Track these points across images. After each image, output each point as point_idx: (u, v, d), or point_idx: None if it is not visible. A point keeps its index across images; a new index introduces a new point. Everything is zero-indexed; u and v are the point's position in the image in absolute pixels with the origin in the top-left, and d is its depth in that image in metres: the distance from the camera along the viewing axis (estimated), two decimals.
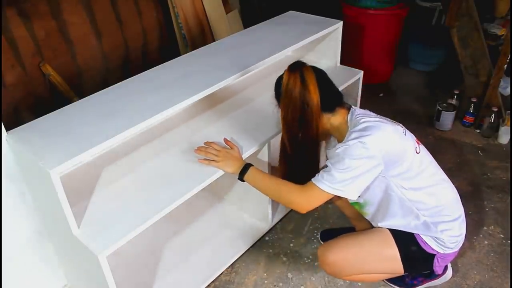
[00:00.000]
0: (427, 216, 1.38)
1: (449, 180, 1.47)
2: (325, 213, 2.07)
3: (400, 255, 1.43)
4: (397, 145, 1.31)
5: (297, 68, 1.32)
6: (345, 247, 1.49)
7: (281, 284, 1.75)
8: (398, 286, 1.68)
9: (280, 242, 1.94)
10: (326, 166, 1.33)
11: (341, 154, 1.27)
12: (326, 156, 1.56)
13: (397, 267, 1.46)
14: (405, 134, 1.36)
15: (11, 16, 2.19)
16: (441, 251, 1.42)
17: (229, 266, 1.81)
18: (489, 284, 1.73)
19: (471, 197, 2.17)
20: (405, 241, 1.43)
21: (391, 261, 1.45)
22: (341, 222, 2.01)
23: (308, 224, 2.03)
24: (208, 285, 1.73)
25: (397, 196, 1.36)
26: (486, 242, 1.92)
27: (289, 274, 1.78)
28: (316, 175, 1.32)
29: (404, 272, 1.48)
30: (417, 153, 1.36)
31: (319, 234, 1.94)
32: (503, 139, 2.58)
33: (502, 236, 1.95)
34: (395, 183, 1.34)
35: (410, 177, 1.34)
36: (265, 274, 1.79)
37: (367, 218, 1.53)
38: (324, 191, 1.29)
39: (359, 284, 1.73)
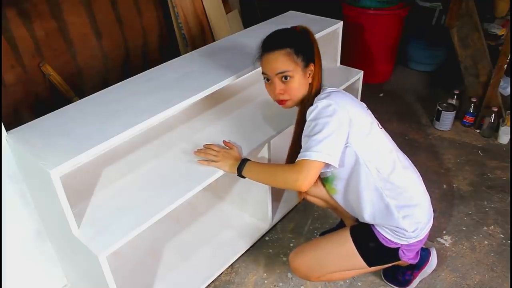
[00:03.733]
0: (389, 197, 1.36)
1: (414, 167, 1.50)
2: (325, 213, 2.07)
3: (359, 252, 1.44)
4: (360, 110, 1.38)
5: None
6: (307, 251, 1.53)
7: (281, 284, 1.75)
8: (395, 285, 1.70)
9: (280, 242, 1.94)
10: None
11: (314, 119, 1.30)
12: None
13: (358, 263, 1.47)
14: (367, 110, 1.46)
15: (11, 16, 2.19)
16: (404, 242, 1.41)
17: (229, 266, 1.81)
18: (489, 284, 1.73)
19: (471, 197, 2.17)
20: (363, 238, 1.45)
21: (350, 258, 1.46)
22: None
23: (308, 224, 2.03)
24: (208, 285, 1.73)
25: (364, 172, 1.35)
26: (486, 242, 1.92)
27: (289, 274, 1.78)
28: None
29: (369, 266, 1.48)
30: (380, 128, 1.43)
31: (319, 234, 1.94)
32: (503, 139, 2.58)
33: (502, 236, 1.95)
34: (363, 158, 1.34)
35: (375, 151, 1.36)
36: (265, 274, 1.79)
37: (336, 199, 1.52)
38: (309, 159, 1.27)
39: (359, 284, 1.73)
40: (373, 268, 1.52)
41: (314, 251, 1.52)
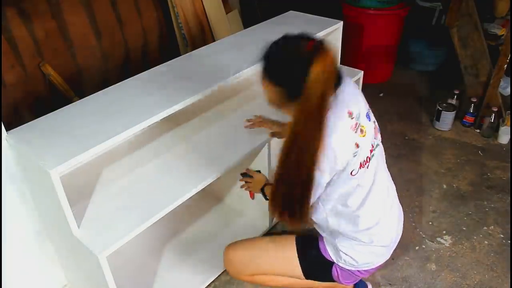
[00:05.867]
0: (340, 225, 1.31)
1: (396, 212, 1.41)
2: None
3: (299, 258, 1.41)
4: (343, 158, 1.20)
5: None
6: (246, 245, 1.51)
7: None
8: None
9: None
10: None
11: None
12: None
13: (295, 270, 1.43)
14: (357, 152, 1.21)
15: (11, 16, 2.19)
16: (338, 263, 1.37)
17: None
18: (489, 284, 1.73)
19: (471, 197, 2.17)
20: (307, 245, 1.42)
21: (288, 263, 1.43)
22: None
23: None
24: (208, 285, 1.73)
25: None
26: (486, 242, 1.92)
27: None
28: None
29: (305, 278, 1.44)
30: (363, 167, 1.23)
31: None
32: (503, 139, 2.58)
33: (502, 236, 1.95)
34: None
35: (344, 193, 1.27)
36: None
37: None
38: None
39: None
40: (307, 282, 1.47)
41: (253, 247, 1.50)
